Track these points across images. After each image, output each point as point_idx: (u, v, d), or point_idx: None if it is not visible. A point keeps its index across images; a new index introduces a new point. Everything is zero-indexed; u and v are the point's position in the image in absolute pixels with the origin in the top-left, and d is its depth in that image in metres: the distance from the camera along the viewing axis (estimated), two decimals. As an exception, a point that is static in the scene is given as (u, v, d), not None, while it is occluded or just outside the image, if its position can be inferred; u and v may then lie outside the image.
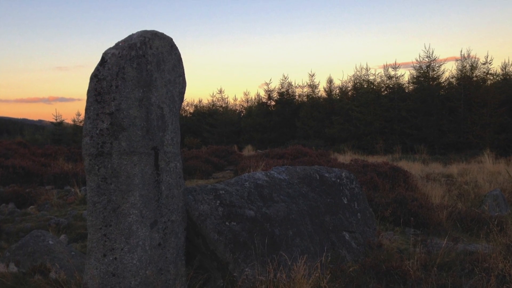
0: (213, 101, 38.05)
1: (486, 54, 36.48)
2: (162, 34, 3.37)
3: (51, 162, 11.84)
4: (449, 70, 30.54)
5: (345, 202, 4.84)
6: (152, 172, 3.21)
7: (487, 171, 11.93)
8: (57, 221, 5.99)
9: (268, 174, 4.46)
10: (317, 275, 3.40)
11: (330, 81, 32.45)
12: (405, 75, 77.40)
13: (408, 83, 28.35)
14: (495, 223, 5.39)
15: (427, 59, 26.57)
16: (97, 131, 2.96)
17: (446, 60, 52.52)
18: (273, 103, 34.99)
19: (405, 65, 76.44)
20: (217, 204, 3.63)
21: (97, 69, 2.99)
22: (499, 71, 27.47)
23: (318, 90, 33.52)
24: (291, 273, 3.35)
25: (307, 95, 33.86)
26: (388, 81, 28.35)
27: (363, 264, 3.99)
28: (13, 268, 3.93)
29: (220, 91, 40.85)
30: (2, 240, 5.38)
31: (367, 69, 35.49)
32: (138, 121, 3.09)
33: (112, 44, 3.10)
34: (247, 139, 31.74)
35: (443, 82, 26.79)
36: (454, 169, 12.90)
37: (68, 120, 34.36)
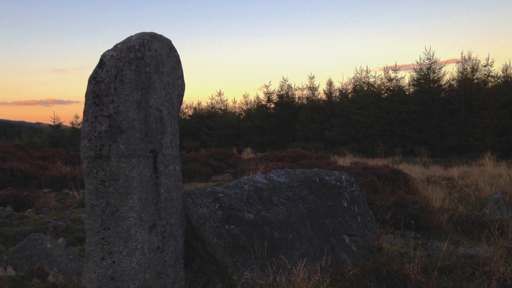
0: (212, 103, 38.09)
1: (487, 56, 36.60)
2: (160, 36, 3.36)
3: (49, 165, 11.84)
4: (449, 72, 30.31)
5: (345, 205, 4.82)
6: (150, 175, 3.19)
7: (488, 174, 11.89)
8: (55, 224, 5.97)
9: (268, 177, 4.44)
10: (317, 278, 3.37)
11: (330, 83, 32.46)
12: (406, 77, 77.72)
13: (409, 85, 28.41)
14: (496, 226, 5.36)
15: (427, 61, 26.57)
16: (96, 134, 2.94)
17: (446, 62, 52.36)
18: (272, 105, 34.94)
19: (406, 67, 76.47)
20: (216, 207, 3.61)
21: (95, 71, 2.98)
22: (500, 73, 27.46)
23: (318, 92, 33.53)
24: (290, 277, 3.33)
25: (306, 97, 33.80)
26: (388, 84, 28.33)
27: (363, 268, 3.97)
28: (11, 271, 3.90)
29: (219, 94, 41.12)
30: (0, 243, 5.36)
31: (367, 71, 35.63)
32: (136, 123, 3.07)
33: (110, 46, 3.09)
34: (247, 141, 31.69)
35: (444, 84, 26.75)
36: (454, 172, 12.86)
37: (66, 123, 34.31)
